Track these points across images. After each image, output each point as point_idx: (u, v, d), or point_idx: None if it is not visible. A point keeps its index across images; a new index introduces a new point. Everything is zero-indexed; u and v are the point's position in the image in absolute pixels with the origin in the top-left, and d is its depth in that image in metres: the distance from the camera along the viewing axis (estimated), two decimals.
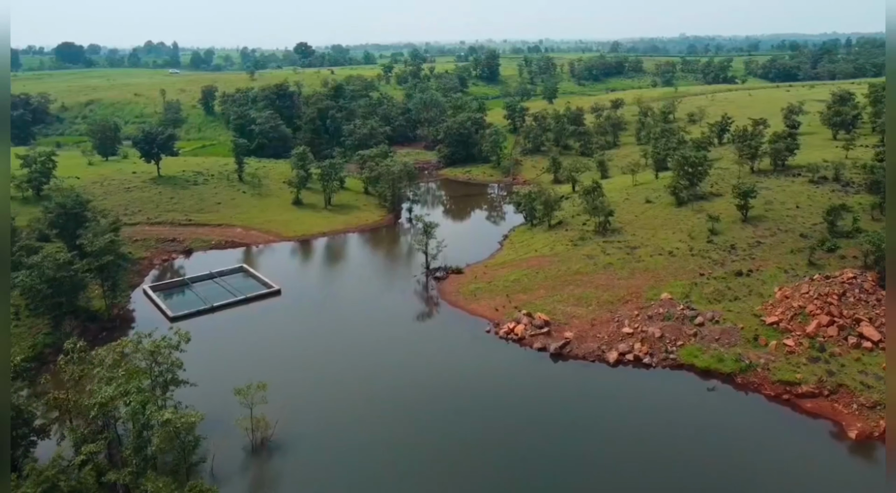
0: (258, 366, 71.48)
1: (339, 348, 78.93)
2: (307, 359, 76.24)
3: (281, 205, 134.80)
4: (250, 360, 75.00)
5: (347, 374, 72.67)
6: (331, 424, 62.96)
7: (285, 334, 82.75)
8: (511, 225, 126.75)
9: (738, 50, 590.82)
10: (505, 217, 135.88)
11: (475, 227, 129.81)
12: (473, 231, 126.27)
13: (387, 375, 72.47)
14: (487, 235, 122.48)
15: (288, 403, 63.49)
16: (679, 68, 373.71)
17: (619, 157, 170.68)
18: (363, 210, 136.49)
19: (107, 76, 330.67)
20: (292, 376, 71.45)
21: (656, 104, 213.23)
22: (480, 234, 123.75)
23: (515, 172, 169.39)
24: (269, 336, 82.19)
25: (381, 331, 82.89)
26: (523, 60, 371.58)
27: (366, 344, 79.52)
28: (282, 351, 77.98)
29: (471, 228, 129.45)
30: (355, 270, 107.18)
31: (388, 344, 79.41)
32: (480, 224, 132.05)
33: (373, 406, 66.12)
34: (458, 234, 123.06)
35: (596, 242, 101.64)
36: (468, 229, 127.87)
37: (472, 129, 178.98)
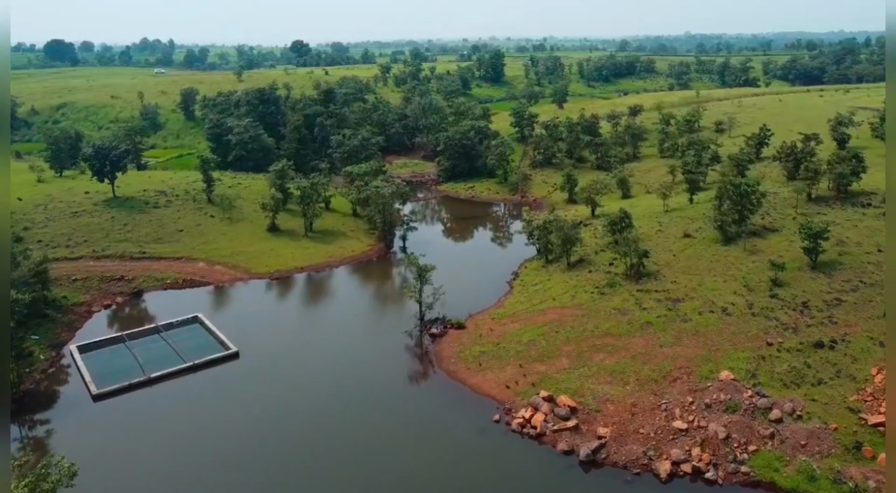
0: (191, 484, 53.06)
1: (300, 446, 60.44)
2: (256, 466, 57.66)
3: (254, 232, 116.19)
4: (180, 473, 56.55)
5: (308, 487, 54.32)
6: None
7: (235, 424, 64.12)
8: (521, 256, 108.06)
9: (749, 49, 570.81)
10: (514, 245, 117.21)
11: (479, 259, 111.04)
12: (477, 265, 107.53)
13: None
14: (494, 270, 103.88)
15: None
16: (693, 69, 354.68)
17: (641, 172, 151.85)
18: (350, 238, 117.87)
19: (88, 76, 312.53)
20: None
21: (678, 110, 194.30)
22: (485, 269, 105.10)
23: (524, 189, 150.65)
24: (212, 428, 63.61)
25: (360, 423, 64.26)
26: (529, 60, 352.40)
27: (338, 444, 60.96)
28: (226, 451, 59.46)
29: (474, 260, 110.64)
30: (334, 321, 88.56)
31: (366, 443, 60.84)
32: (485, 255, 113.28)
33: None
34: (458, 269, 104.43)
35: (628, 291, 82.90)
36: (471, 263, 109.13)
37: (475, 139, 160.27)
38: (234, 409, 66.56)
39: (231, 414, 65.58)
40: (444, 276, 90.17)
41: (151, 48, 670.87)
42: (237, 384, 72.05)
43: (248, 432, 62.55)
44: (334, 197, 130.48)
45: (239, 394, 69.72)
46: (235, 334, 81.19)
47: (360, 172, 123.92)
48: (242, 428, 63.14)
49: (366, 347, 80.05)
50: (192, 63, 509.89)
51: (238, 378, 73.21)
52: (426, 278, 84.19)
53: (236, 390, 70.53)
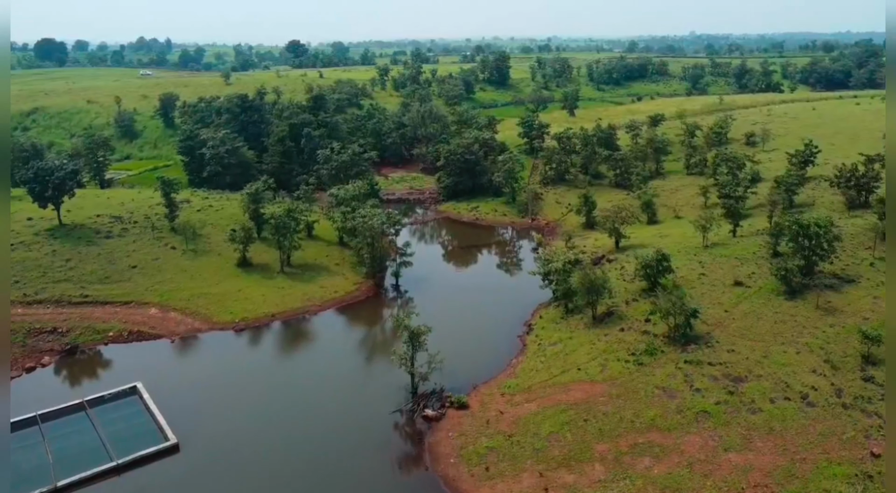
0: None
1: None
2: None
3: (221, 267, 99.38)
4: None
5: None
6: None
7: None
8: (534, 299, 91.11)
9: (761, 50, 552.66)
10: (525, 283, 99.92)
11: (484, 302, 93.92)
12: (482, 310, 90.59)
13: None
14: (502, 317, 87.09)
15: None
16: (708, 71, 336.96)
17: (667, 192, 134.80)
18: (333, 273, 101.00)
19: (70, 78, 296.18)
20: None
21: (701, 119, 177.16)
22: (492, 316, 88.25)
23: (535, 211, 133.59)
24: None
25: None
26: (536, 62, 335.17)
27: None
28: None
29: (479, 303, 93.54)
30: (306, 391, 71.46)
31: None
32: (492, 297, 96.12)
33: None
34: (460, 316, 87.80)
35: (673, 362, 65.92)
36: (475, 307, 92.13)
37: (479, 153, 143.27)
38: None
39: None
40: (443, 325, 74.53)
41: (147, 47, 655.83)
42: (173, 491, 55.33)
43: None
44: (318, 222, 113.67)
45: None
46: (181, 413, 64.56)
47: (347, 196, 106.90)
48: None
49: (344, 431, 63.12)
50: (187, 63, 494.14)
51: (176, 483, 56.39)
52: (420, 343, 67.38)
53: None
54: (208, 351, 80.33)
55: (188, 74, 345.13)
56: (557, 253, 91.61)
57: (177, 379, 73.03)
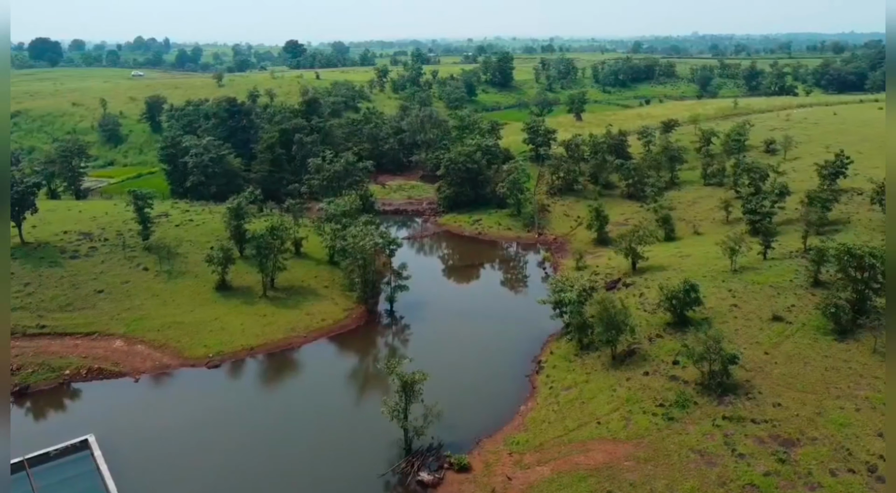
0: None
1: None
2: None
3: (197, 291, 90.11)
4: None
5: None
6: None
7: None
8: (544, 329, 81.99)
9: (768, 51, 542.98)
10: (533, 309, 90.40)
11: (488, 332, 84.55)
12: (485, 342, 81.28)
13: None
14: (508, 352, 77.96)
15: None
16: (717, 73, 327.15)
17: (683, 204, 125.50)
18: (322, 298, 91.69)
19: (58, 79, 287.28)
20: None
21: (716, 124, 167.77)
22: (497, 349, 79.05)
23: (542, 224, 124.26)
24: None
25: None
26: (540, 63, 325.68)
27: None
28: None
29: (481, 333, 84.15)
30: (284, 445, 61.89)
31: None
32: (496, 325, 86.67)
33: None
34: (459, 350, 78.59)
35: (709, 417, 56.60)
36: (477, 338, 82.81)
37: (482, 161, 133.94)
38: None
39: None
40: (442, 360, 66.14)
41: (145, 47, 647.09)
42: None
43: None
44: (307, 238, 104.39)
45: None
46: (136, 473, 55.50)
47: (338, 212, 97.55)
48: None
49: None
50: (184, 63, 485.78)
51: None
52: (414, 393, 58.14)
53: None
54: (176, 392, 71.02)
55: (182, 75, 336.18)
56: (569, 278, 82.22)
57: (136, 428, 63.77)
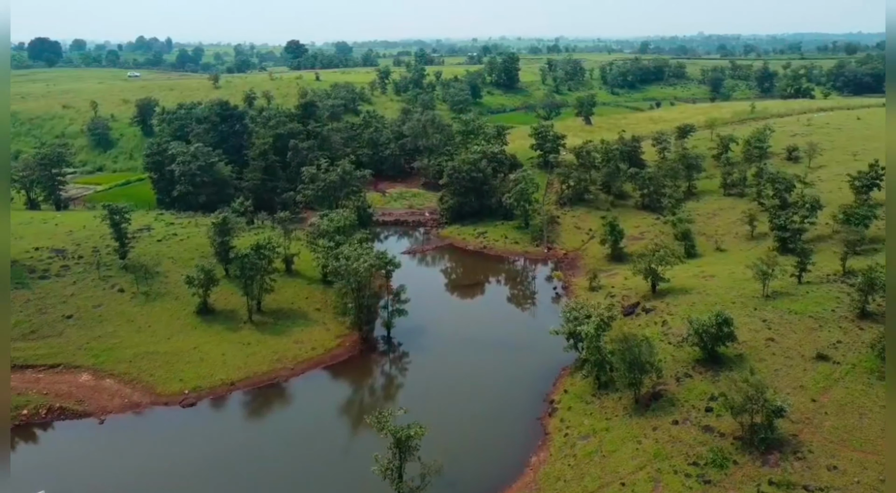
0: None
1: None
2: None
3: (176, 315, 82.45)
4: None
5: None
6: None
7: None
8: (557, 361, 74.17)
9: (777, 51, 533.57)
10: (543, 336, 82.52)
11: (494, 363, 76.63)
12: (492, 376, 73.42)
13: None
14: (517, 388, 70.31)
15: None
16: (728, 74, 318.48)
17: (703, 216, 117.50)
18: (313, 322, 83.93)
19: (52, 80, 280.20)
20: None
21: (733, 129, 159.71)
22: (504, 384, 71.29)
23: (551, 238, 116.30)
24: None
25: None
26: (546, 64, 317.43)
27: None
28: None
29: (487, 365, 76.23)
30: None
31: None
32: (503, 355, 78.74)
33: None
34: (463, 386, 70.81)
35: (751, 479, 48.63)
36: (482, 371, 74.94)
37: (487, 170, 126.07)
38: None
39: None
40: (443, 398, 59.29)
41: (147, 46, 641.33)
42: None
43: None
44: (299, 255, 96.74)
45: None
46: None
47: (332, 228, 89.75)
48: None
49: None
50: (185, 63, 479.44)
51: None
52: (411, 449, 50.34)
53: None
54: (145, 437, 63.30)
55: (179, 76, 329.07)
56: (584, 304, 74.24)
57: (97, 482, 56.20)
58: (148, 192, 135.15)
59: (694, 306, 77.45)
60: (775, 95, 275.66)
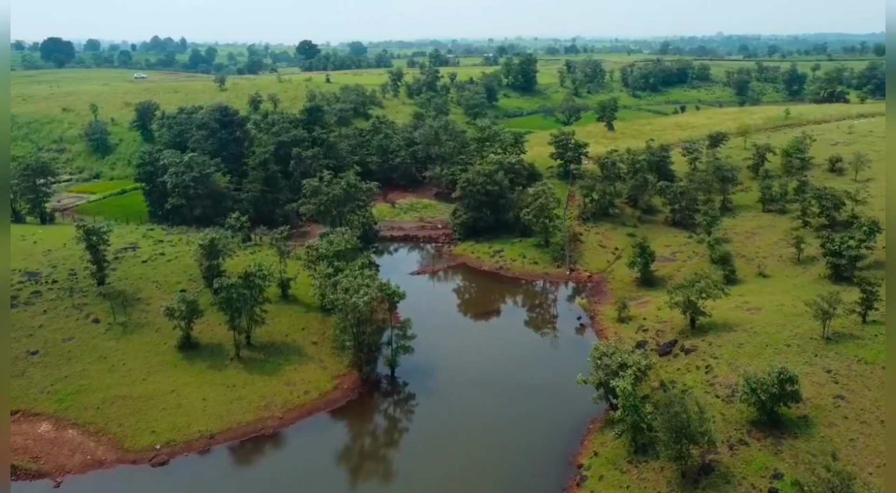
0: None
1: None
2: None
3: (156, 350, 73.68)
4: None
5: None
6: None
7: None
8: (582, 410, 64.55)
9: (801, 52, 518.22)
10: (566, 379, 72.75)
11: (512, 412, 67.12)
12: (509, 430, 63.96)
13: None
14: (537, 447, 60.68)
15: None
16: (754, 76, 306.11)
17: (741, 235, 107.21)
18: (308, 359, 74.82)
19: (56, 81, 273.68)
20: None
21: (770, 137, 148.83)
22: (523, 440, 61.72)
23: (574, 258, 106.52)
24: None
25: None
26: (565, 65, 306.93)
27: None
28: None
29: (503, 414, 66.77)
30: None
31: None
32: (522, 402, 69.04)
33: None
34: (475, 443, 61.30)
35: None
36: (497, 422, 65.50)
37: (504, 182, 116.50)
38: None
39: None
40: (451, 457, 49.38)
41: (161, 47, 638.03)
42: None
43: None
44: (296, 278, 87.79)
45: None
46: None
47: (331, 252, 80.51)
48: None
49: None
50: (198, 64, 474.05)
51: None
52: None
53: None
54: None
55: (187, 77, 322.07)
56: (614, 347, 64.36)
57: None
58: (143, 202, 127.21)
59: (742, 348, 67.58)
60: (804, 99, 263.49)
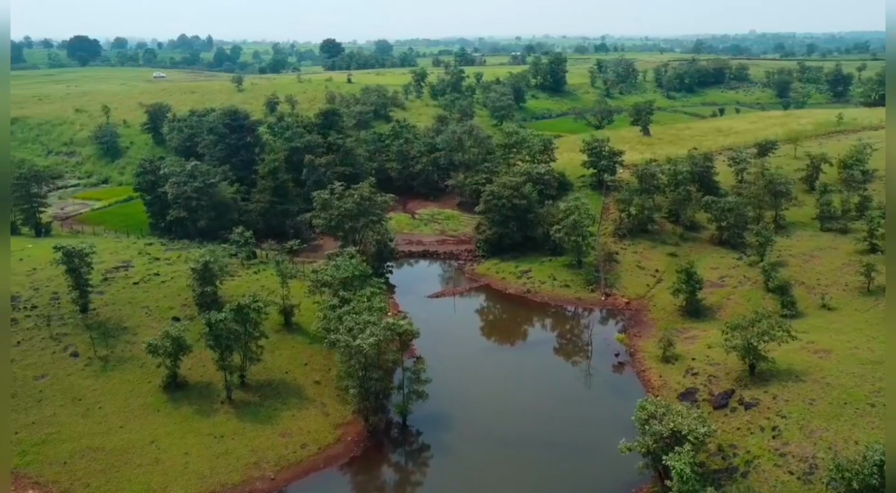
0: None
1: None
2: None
3: (138, 391, 65.31)
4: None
5: None
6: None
7: None
8: (622, 478, 54.75)
9: (841, 51, 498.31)
10: (601, 425, 63.22)
11: (539, 478, 57.45)
12: None
13: None
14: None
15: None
16: (795, 77, 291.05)
17: (797, 258, 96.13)
18: (309, 402, 65.93)
19: (77, 80, 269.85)
20: None
21: (822, 145, 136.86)
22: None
23: (609, 280, 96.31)
24: None
25: None
26: (595, 65, 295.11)
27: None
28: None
29: (529, 482, 57.13)
30: None
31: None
32: (552, 467, 59.18)
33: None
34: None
35: None
36: (518, 488, 55.86)
37: (532, 194, 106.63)
38: None
39: None
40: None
41: (188, 45, 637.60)
42: None
43: None
44: (300, 305, 79.07)
45: None
46: None
47: (337, 279, 71.42)
48: None
49: None
50: (222, 62, 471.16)
51: None
52: None
53: None
54: None
55: (206, 77, 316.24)
56: (664, 406, 54.27)
57: None
58: (138, 212, 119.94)
59: (814, 405, 57.16)
60: (851, 102, 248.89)
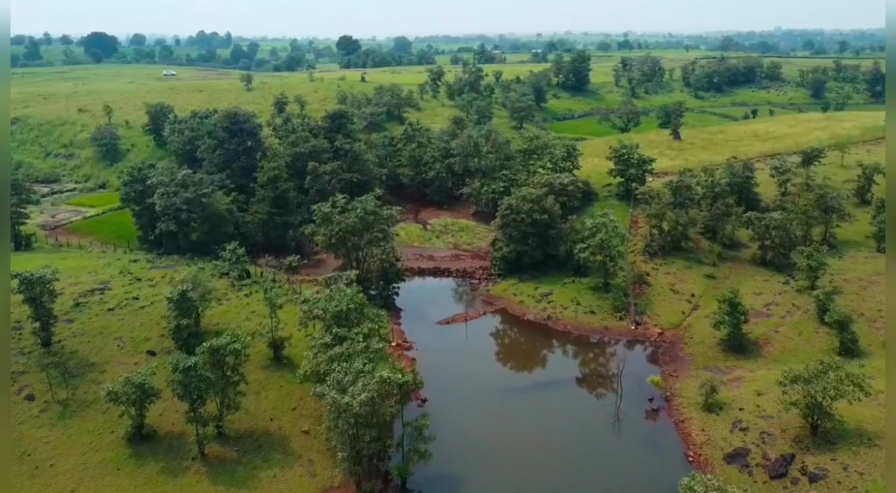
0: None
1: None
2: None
3: (98, 444, 56.67)
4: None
5: None
6: None
7: None
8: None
9: (872, 48, 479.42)
10: (631, 484, 53.53)
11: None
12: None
13: None
14: None
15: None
16: (830, 76, 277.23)
17: (852, 284, 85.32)
18: (293, 459, 56.81)
19: (87, 78, 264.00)
20: None
21: (871, 153, 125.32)
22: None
23: (640, 306, 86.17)
24: None
25: None
26: (620, 63, 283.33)
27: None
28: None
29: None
30: None
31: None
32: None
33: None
34: None
35: None
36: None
37: (554, 208, 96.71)
38: None
39: None
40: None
41: (206, 41, 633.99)
42: None
43: None
44: (291, 338, 70.13)
45: None
46: None
47: (331, 313, 62.18)
48: None
49: None
50: (239, 59, 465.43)
51: None
52: None
53: None
54: None
55: (217, 75, 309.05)
56: (718, 487, 44.49)
57: None
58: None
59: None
60: None
